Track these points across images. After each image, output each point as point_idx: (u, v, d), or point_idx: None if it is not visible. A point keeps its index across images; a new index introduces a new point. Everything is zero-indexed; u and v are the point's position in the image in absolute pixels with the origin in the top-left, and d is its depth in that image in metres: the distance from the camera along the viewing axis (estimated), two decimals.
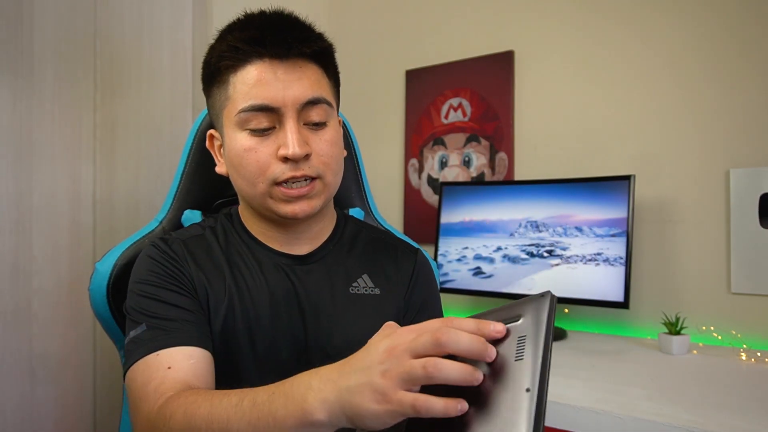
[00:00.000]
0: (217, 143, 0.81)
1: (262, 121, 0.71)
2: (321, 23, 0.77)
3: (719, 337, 1.44)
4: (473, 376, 0.46)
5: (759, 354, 1.34)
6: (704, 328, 1.46)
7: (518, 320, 0.51)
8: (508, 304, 0.54)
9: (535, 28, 1.76)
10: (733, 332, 1.43)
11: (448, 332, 0.47)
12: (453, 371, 0.46)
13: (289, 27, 0.73)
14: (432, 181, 1.95)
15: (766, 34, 1.43)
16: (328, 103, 0.75)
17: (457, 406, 0.46)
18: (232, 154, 0.74)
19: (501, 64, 1.81)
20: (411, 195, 2.00)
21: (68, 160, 1.26)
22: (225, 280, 0.76)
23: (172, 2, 1.50)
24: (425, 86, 1.97)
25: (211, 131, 0.82)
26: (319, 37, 0.76)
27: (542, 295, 0.51)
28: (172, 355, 0.67)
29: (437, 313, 0.89)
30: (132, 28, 1.40)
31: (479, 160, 1.85)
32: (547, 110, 1.74)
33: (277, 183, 0.72)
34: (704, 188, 1.50)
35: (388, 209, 2.04)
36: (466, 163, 1.88)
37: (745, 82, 1.45)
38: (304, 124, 0.73)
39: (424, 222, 1.94)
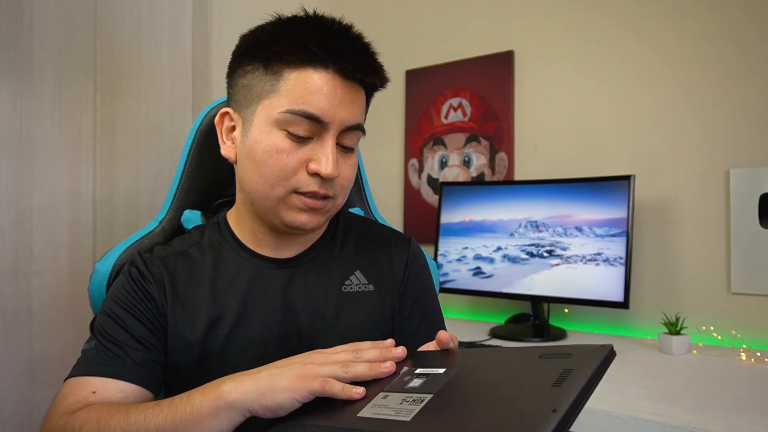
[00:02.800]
0: (229, 124, 0.76)
1: (304, 129, 0.69)
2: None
3: (719, 337, 1.44)
4: (377, 370, 0.60)
5: (759, 354, 1.34)
6: (704, 328, 1.46)
7: (569, 357, 0.53)
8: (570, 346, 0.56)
9: (535, 28, 1.76)
10: (733, 332, 1.43)
11: (353, 365, 0.60)
12: (361, 369, 0.59)
13: (363, 50, 0.73)
14: (432, 181, 1.95)
15: (766, 34, 1.43)
16: (363, 131, 0.76)
17: (352, 390, 0.57)
18: (257, 148, 0.71)
19: (501, 64, 1.81)
20: (411, 195, 2.00)
21: (68, 160, 1.26)
22: (207, 296, 0.75)
23: (172, 2, 1.50)
24: (425, 86, 1.97)
25: (227, 110, 0.76)
26: (383, 71, 0.76)
27: (603, 346, 0.54)
28: (104, 384, 0.68)
29: (431, 307, 0.87)
30: (132, 28, 1.40)
31: (479, 160, 1.85)
32: (547, 110, 1.74)
33: (298, 192, 0.71)
34: (704, 188, 1.50)
35: (388, 209, 2.04)
36: (466, 163, 1.88)
37: (745, 82, 1.45)
38: (336, 144, 0.72)
39: (424, 222, 1.94)
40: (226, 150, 0.76)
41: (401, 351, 0.62)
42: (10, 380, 1.15)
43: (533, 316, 1.60)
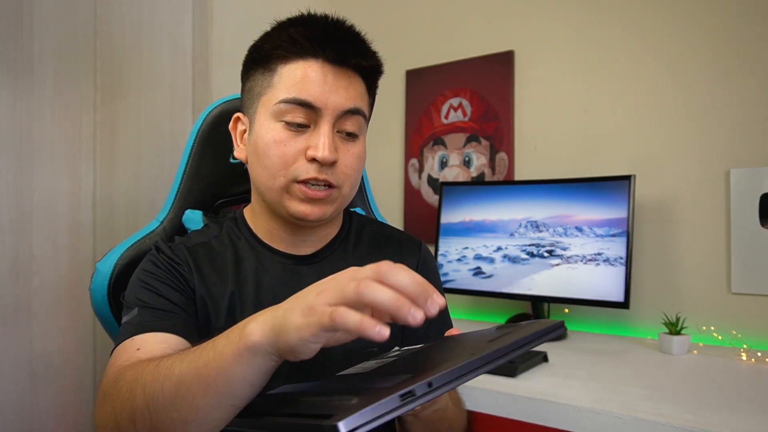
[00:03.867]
0: (241, 128, 0.80)
1: (300, 117, 0.72)
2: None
3: (719, 337, 1.44)
4: (403, 303, 0.45)
5: (759, 354, 1.34)
6: (704, 328, 1.46)
7: (518, 326, 0.56)
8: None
9: (535, 28, 1.76)
10: (733, 332, 1.43)
11: (372, 287, 0.45)
12: (383, 293, 0.45)
13: (350, 37, 0.75)
14: (432, 181, 1.95)
15: (766, 34, 1.43)
16: (365, 117, 0.76)
17: (375, 327, 0.44)
18: (259, 142, 0.74)
19: (501, 64, 1.81)
20: (411, 195, 2.00)
21: (68, 160, 1.26)
22: (228, 285, 0.76)
23: (172, 2, 1.50)
24: (425, 86, 1.97)
25: (239, 114, 0.81)
26: (374, 55, 0.77)
27: (554, 321, 0.56)
28: (145, 339, 0.67)
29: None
30: (132, 28, 1.40)
31: (479, 160, 1.85)
32: (547, 110, 1.74)
33: (298, 181, 0.72)
34: (704, 188, 1.50)
35: (388, 209, 2.04)
36: (466, 163, 1.88)
37: (745, 82, 1.45)
38: (337, 132, 0.74)
39: (424, 222, 1.94)
40: (239, 152, 0.80)
41: (441, 300, 0.48)
42: (10, 380, 1.15)
43: (533, 316, 1.60)
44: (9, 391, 1.15)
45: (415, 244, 0.90)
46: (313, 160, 0.71)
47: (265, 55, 0.74)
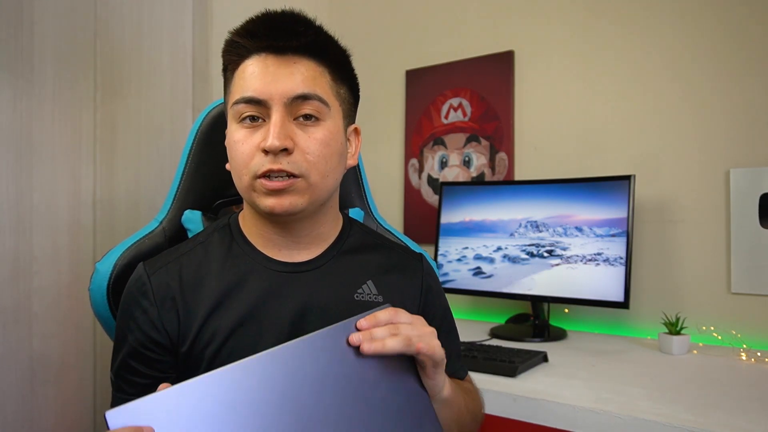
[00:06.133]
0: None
1: (251, 113, 0.72)
2: (321, 23, 0.77)
3: (719, 337, 1.44)
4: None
5: (759, 354, 1.34)
6: (704, 328, 1.46)
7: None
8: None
9: (535, 28, 1.76)
10: (733, 332, 1.43)
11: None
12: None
13: (283, 22, 0.73)
14: (432, 181, 1.95)
15: (766, 34, 1.43)
16: (322, 101, 0.73)
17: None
18: (228, 147, 0.76)
19: (501, 64, 1.81)
20: (411, 195, 2.00)
21: (68, 160, 1.26)
22: (216, 297, 0.74)
23: (172, 2, 1.50)
24: (425, 86, 1.97)
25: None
26: (314, 31, 0.74)
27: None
28: None
29: (452, 328, 0.88)
30: (132, 28, 1.40)
31: (479, 160, 1.85)
32: (547, 110, 1.74)
33: (258, 176, 0.71)
34: (704, 188, 1.50)
35: (388, 209, 2.04)
36: (466, 163, 1.88)
37: (745, 82, 1.45)
38: (294, 119, 0.72)
39: (424, 222, 1.94)
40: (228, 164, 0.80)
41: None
42: (10, 380, 1.15)
43: (533, 316, 1.60)
44: (9, 391, 1.15)
45: (416, 257, 0.87)
46: (266, 151, 0.70)
47: (223, 66, 0.77)
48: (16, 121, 1.16)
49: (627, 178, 1.45)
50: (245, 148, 0.72)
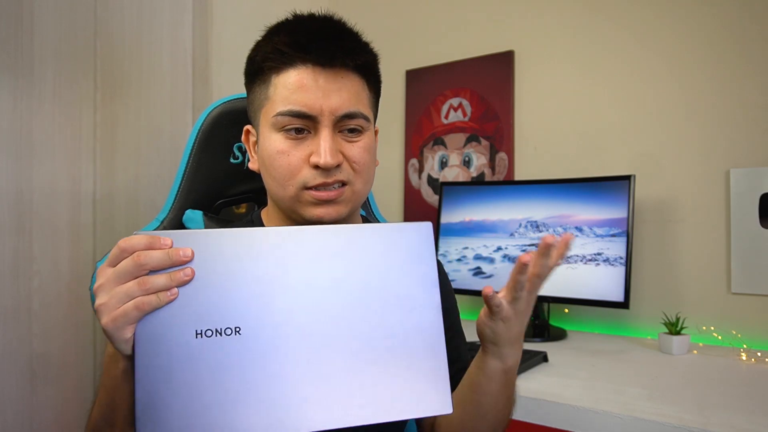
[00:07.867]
0: (252, 139, 0.81)
1: (298, 126, 0.72)
2: (358, 29, 0.77)
3: (719, 337, 1.44)
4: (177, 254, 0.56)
5: (759, 354, 1.34)
6: (704, 328, 1.46)
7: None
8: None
9: (535, 28, 1.76)
10: (733, 332, 1.43)
11: (145, 254, 0.56)
12: (156, 256, 0.55)
13: (335, 35, 0.74)
14: (432, 181, 1.95)
15: (766, 34, 1.43)
16: (365, 118, 0.75)
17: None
18: (264, 154, 0.75)
19: (501, 64, 1.81)
20: (411, 195, 2.00)
21: (68, 160, 1.26)
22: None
23: (172, 2, 1.50)
24: (425, 86, 1.97)
25: (248, 127, 0.81)
26: (364, 49, 0.76)
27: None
28: None
29: (456, 322, 0.89)
30: (132, 28, 1.40)
31: (479, 160, 1.86)
32: (547, 110, 1.74)
33: (307, 187, 0.72)
34: (704, 188, 1.50)
35: (388, 209, 2.04)
36: (466, 163, 1.88)
37: (746, 83, 1.45)
38: (339, 132, 0.73)
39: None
40: (252, 163, 0.81)
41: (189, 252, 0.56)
42: (10, 380, 1.15)
43: (533, 316, 1.60)
44: (9, 391, 1.15)
45: None
46: (317, 166, 0.71)
47: (258, 68, 0.75)
48: (16, 120, 1.16)
49: (627, 178, 1.45)
50: (292, 160, 0.72)
